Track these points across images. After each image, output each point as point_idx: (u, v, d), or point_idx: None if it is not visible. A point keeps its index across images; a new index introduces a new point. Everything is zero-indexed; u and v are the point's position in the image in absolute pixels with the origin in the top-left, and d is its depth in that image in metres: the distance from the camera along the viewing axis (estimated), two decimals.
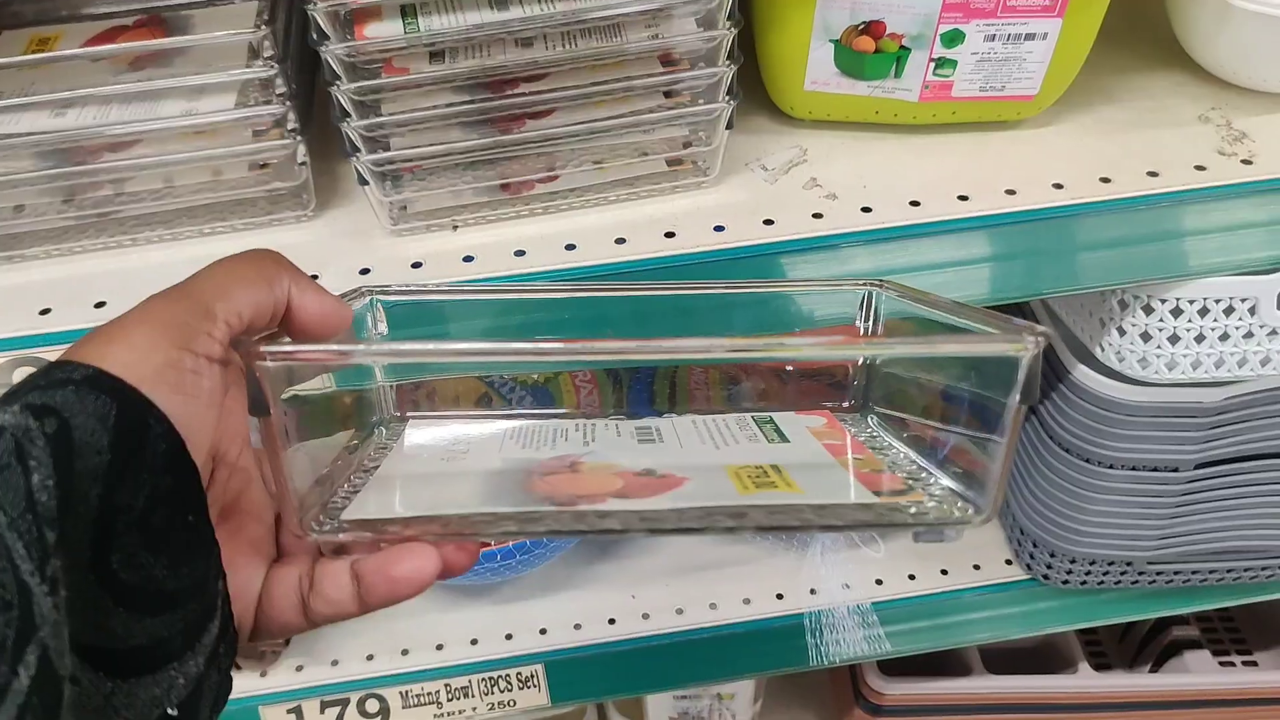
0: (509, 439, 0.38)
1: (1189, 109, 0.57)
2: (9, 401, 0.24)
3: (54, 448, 0.23)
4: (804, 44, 0.52)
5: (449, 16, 0.47)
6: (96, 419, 0.24)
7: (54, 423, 0.23)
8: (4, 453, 0.22)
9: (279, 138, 0.50)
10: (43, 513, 0.22)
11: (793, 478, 0.33)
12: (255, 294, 0.28)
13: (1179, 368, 0.57)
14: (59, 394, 0.24)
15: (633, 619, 0.74)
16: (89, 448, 0.24)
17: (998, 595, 0.74)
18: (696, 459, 0.36)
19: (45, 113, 0.48)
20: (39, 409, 0.23)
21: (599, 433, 0.39)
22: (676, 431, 0.39)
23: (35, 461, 0.23)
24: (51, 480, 0.23)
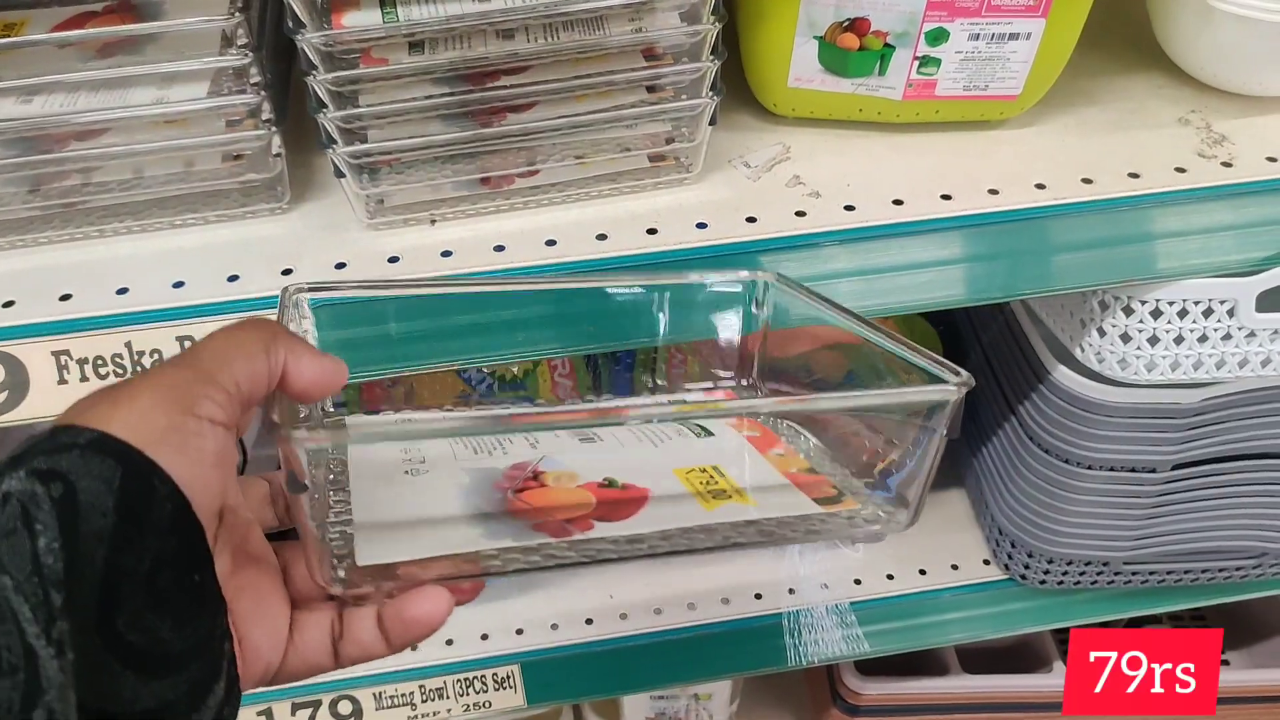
0: (457, 443, 0.39)
1: (1169, 111, 0.58)
2: (16, 466, 0.24)
3: (59, 511, 0.24)
4: (788, 40, 0.52)
5: (429, 6, 0.46)
6: (101, 482, 0.24)
7: (60, 487, 0.24)
8: (11, 518, 0.23)
9: (253, 128, 0.49)
10: (49, 575, 0.23)
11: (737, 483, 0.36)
12: (253, 363, 0.30)
13: (1158, 369, 0.57)
14: (64, 458, 0.24)
15: (610, 619, 0.74)
16: (94, 510, 0.24)
17: (975, 595, 0.74)
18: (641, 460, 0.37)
19: (10, 100, 0.47)
20: (45, 474, 0.24)
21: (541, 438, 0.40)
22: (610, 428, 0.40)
23: (41, 525, 0.23)
24: (57, 543, 0.23)
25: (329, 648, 0.33)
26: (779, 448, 0.40)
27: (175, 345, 0.47)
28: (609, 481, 0.36)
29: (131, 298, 0.48)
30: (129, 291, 0.48)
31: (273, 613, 0.32)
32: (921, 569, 0.75)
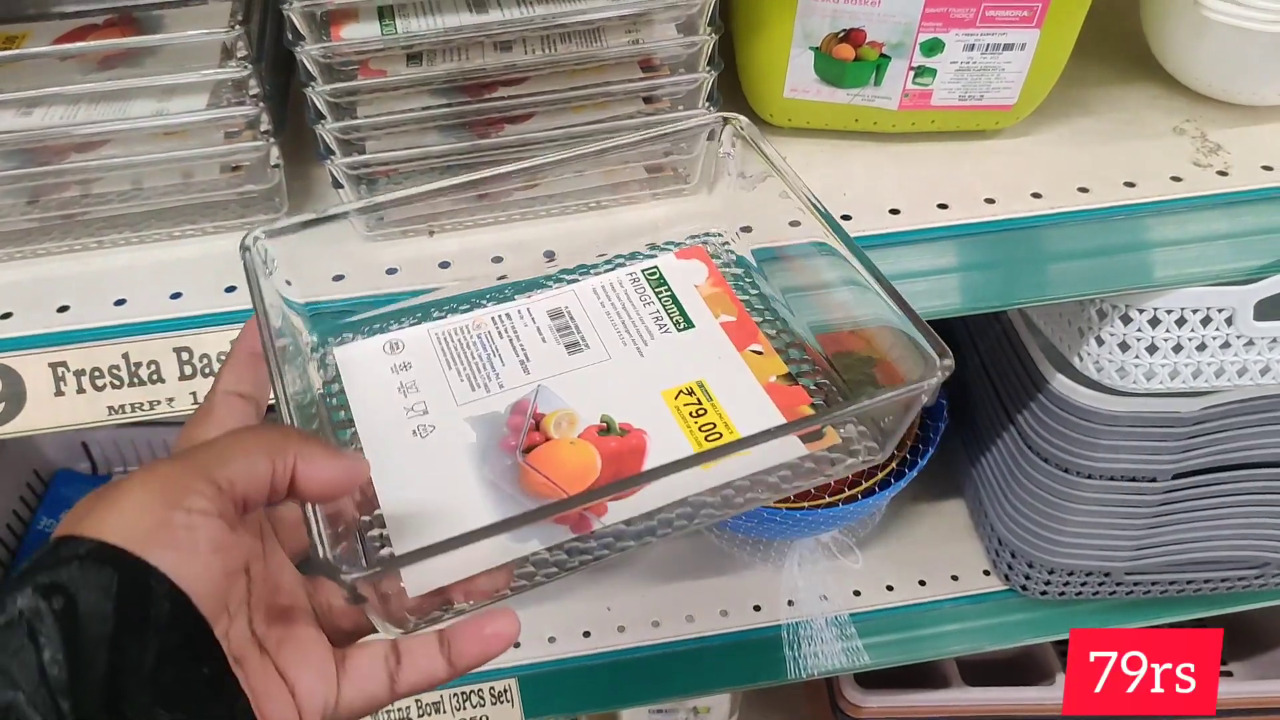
0: (449, 370, 0.41)
1: (1164, 121, 0.58)
2: (23, 583, 0.26)
3: (61, 623, 0.26)
4: (784, 51, 0.52)
5: (427, 19, 0.46)
6: (99, 590, 0.26)
7: (61, 600, 0.26)
8: (20, 637, 0.25)
9: (252, 139, 0.49)
10: (55, 685, 0.25)
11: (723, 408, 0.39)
12: (253, 464, 0.30)
13: (1157, 378, 0.57)
14: (65, 571, 0.26)
15: (608, 631, 0.73)
16: (94, 618, 0.26)
17: (976, 606, 0.74)
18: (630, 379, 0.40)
19: (11, 112, 0.47)
20: (48, 588, 0.26)
21: (525, 337, 0.42)
22: (591, 320, 0.43)
23: (45, 639, 0.25)
24: (61, 654, 0.25)
25: (385, 678, 0.34)
26: (757, 343, 0.41)
27: (173, 356, 0.47)
28: (607, 423, 0.38)
29: (129, 309, 0.48)
30: (127, 303, 0.48)
31: (317, 653, 0.33)
32: (921, 580, 0.75)
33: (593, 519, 0.35)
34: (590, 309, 0.43)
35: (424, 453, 0.38)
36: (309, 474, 0.31)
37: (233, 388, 0.35)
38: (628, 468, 0.37)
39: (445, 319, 0.44)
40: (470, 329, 0.43)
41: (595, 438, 0.38)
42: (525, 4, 0.47)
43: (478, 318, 0.43)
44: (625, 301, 0.44)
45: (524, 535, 0.35)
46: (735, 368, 0.41)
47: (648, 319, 0.43)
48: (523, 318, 0.43)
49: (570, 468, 0.37)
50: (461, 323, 0.43)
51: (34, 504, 0.78)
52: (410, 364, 0.42)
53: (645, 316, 0.43)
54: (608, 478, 0.37)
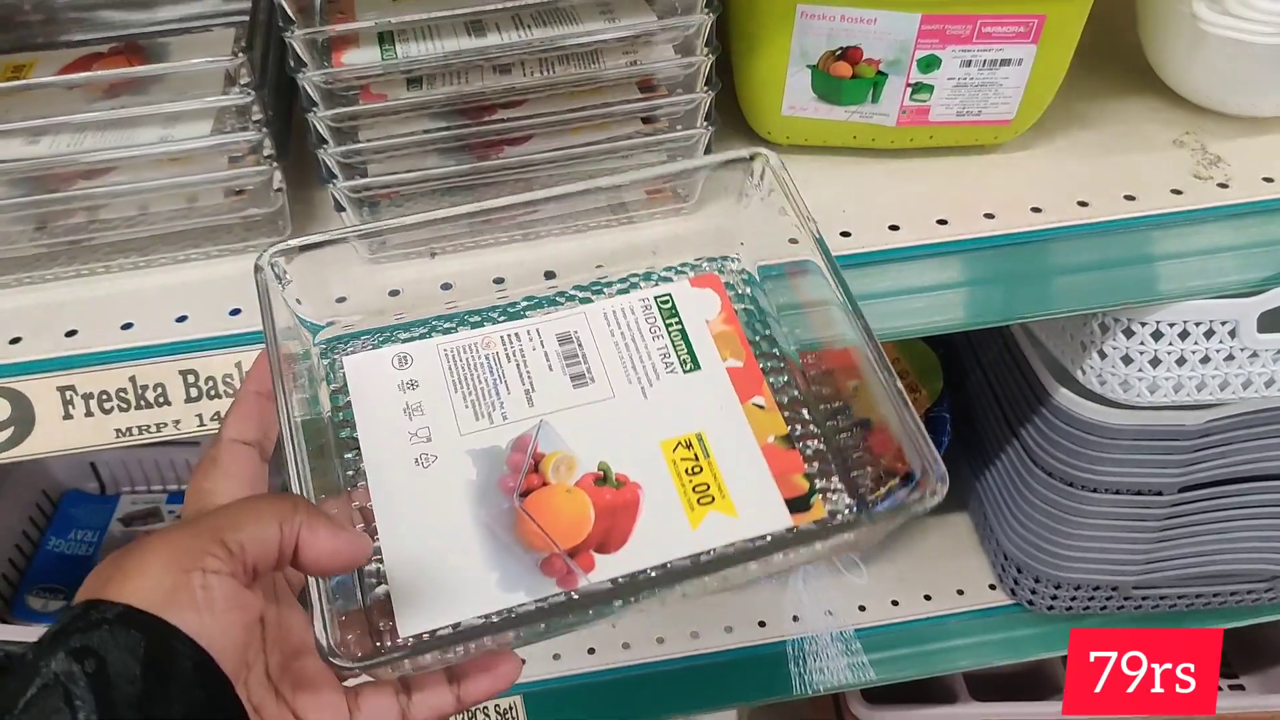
0: (455, 394, 0.41)
1: (1164, 134, 0.58)
2: (56, 646, 0.28)
3: (94, 685, 0.27)
4: (781, 69, 0.53)
5: (427, 43, 0.47)
6: (128, 653, 0.28)
7: (93, 663, 0.28)
8: (55, 699, 0.27)
9: (255, 164, 0.50)
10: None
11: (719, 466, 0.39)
12: (263, 529, 0.32)
13: (1161, 390, 0.57)
14: (95, 635, 0.28)
15: (612, 648, 0.73)
16: (123, 679, 0.28)
17: (982, 621, 0.73)
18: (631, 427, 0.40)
19: (18, 140, 0.48)
20: (80, 652, 0.28)
21: (533, 364, 0.42)
22: (600, 352, 0.43)
23: (80, 701, 0.27)
24: (95, 715, 0.27)
25: (397, 713, 0.35)
26: (760, 395, 0.42)
27: (178, 379, 0.48)
28: (604, 472, 0.39)
29: (136, 333, 0.48)
30: (133, 326, 0.49)
31: (330, 694, 0.35)
32: (927, 594, 0.75)
33: (579, 575, 0.36)
34: (599, 336, 0.43)
35: (424, 485, 0.39)
36: (312, 543, 0.32)
37: (237, 435, 0.37)
38: (619, 524, 0.38)
39: (455, 333, 0.44)
40: (479, 348, 0.43)
41: (591, 487, 0.39)
42: (523, 27, 0.47)
43: (487, 336, 0.44)
44: (635, 332, 0.44)
45: (512, 585, 0.36)
46: (736, 423, 0.41)
47: (655, 355, 0.43)
48: (531, 340, 0.43)
49: (564, 519, 0.38)
50: (471, 340, 0.44)
51: (43, 524, 0.79)
52: (417, 382, 0.42)
53: (653, 352, 0.43)
54: (599, 533, 0.37)
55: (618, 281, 0.46)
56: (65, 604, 0.72)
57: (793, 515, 0.38)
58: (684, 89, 0.50)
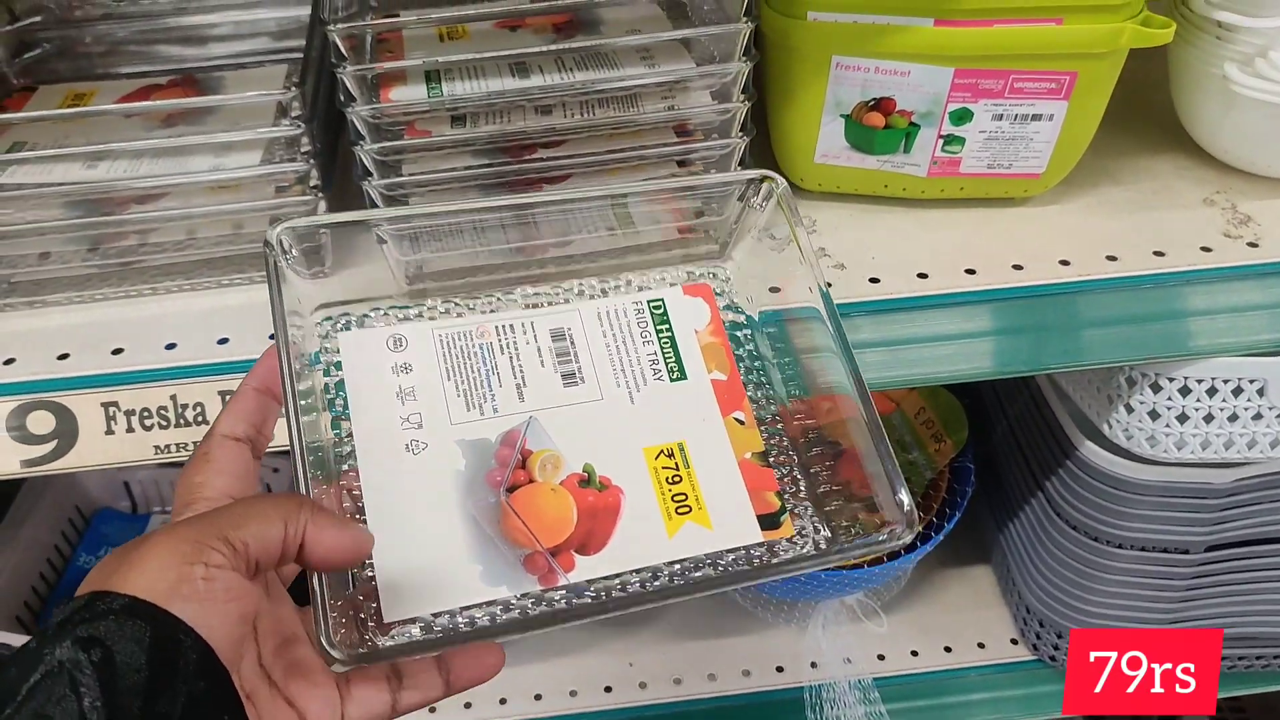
0: (448, 381, 0.42)
1: (1194, 192, 0.58)
2: (62, 635, 0.28)
3: (100, 673, 0.28)
4: (815, 118, 0.54)
5: (472, 83, 0.49)
6: (134, 642, 0.29)
7: (99, 652, 0.28)
8: (61, 685, 0.27)
9: (301, 194, 0.51)
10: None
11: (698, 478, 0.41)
12: (266, 527, 0.32)
13: (1188, 447, 0.57)
14: (102, 624, 0.29)
15: (629, 687, 0.73)
16: (129, 668, 0.28)
17: (1003, 676, 0.72)
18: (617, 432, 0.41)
19: (78, 164, 0.49)
20: (86, 641, 0.28)
21: (526, 360, 0.43)
22: (591, 354, 0.44)
23: (85, 688, 0.27)
24: (99, 702, 0.27)
25: (388, 699, 0.36)
26: (740, 410, 0.43)
27: (217, 399, 0.49)
28: (588, 474, 0.40)
29: (179, 353, 0.50)
30: (177, 347, 0.50)
31: (321, 680, 0.35)
32: (947, 646, 0.74)
33: (560, 573, 0.37)
34: (592, 336, 0.44)
35: (414, 472, 0.39)
36: (317, 539, 0.33)
37: (229, 431, 0.37)
38: (600, 527, 0.39)
39: (451, 319, 0.44)
40: (474, 336, 0.44)
41: (575, 488, 0.40)
42: (565, 70, 0.49)
43: (482, 325, 0.44)
44: (626, 335, 0.45)
45: (495, 579, 0.37)
46: (716, 436, 0.42)
47: (644, 361, 0.44)
48: (526, 333, 0.44)
49: (548, 517, 0.39)
50: (466, 327, 0.44)
51: (75, 540, 0.80)
52: (411, 366, 0.42)
53: (643, 357, 0.44)
54: (580, 534, 0.39)
55: (612, 280, 0.48)
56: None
57: (763, 531, 0.40)
58: (719, 134, 0.51)
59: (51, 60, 0.59)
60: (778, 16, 0.51)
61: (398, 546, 0.37)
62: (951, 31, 0.50)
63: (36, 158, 0.49)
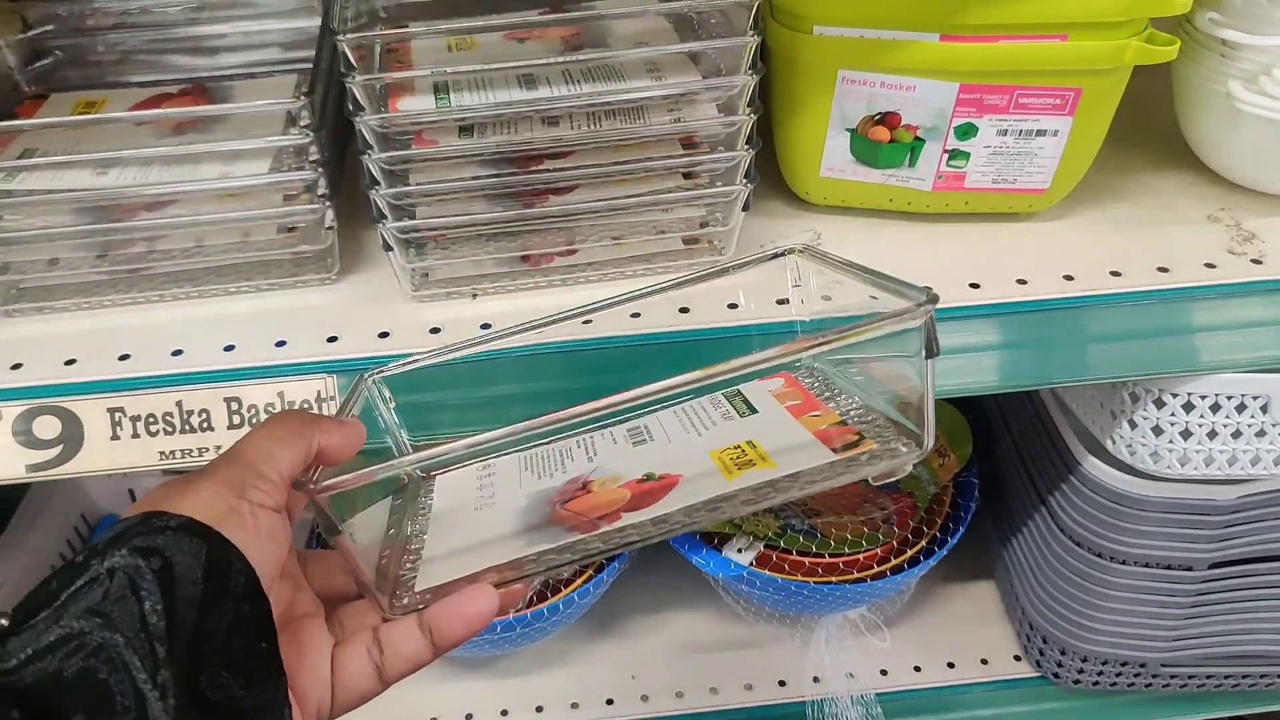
0: (525, 471, 0.43)
1: (1198, 209, 0.58)
2: (117, 545, 0.29)
3: (160, 580, 0.29)
4: (821, 132, 0.54)
5: (480, 94, 0.49)
6: (191, 556, 0.30)
7: (158, 561, 0.29)
8: (120, 587, 0.28)
9: (308, 202, 0.52)
10: (154, 632, 0.28)
11: (766, 450, 0.39)
12: (292, 452, 0.35)
13: (1192, 463, 0.57)
14: (159, 538, 0.30)
15: (631, 700, 0.73)
16: (187, 580, 0.29)
17: (1005, 692, 0.72)
18: (684, 450, 0.41)
19: (88, 171, 0.50)
20: (145, 550, 0.29)
21: (599, 444, 0.44)
22: (663, 426, 0.44)
23: (145, 592, 0.28)
24: (160, 606, 0.28)
25: (373, 673, 0.36)
26: (818, 409, 0.43)
27: (223, 406, 0.49)
28: (648, 476, 0.40)
29: (185, 359, 0.50)
30: (183, 353, 0.50)
31: (314, 659, 0.35)
32: (950, 662, 0.74)
33: (601, 524, 0.37)
34: (666, 421, 0.45)
35: (478, 516, 0.41)
36: (329, 443, 0.36)
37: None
38: (653, 497, 0.39)
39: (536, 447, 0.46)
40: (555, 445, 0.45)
41: (632, 484, 0.40)
42: (573, 82, 0.49)
43: (566, 444, 0.46)
44: (699, 411, 0.45)
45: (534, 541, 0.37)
46: (789, 426, 0.42)
47: (716, 417, 0.44)
48: (604, 436, 0.45)
49: (600, 503, 0.39)
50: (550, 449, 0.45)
51: (80, 547, 0.80)
52: (493, 471, 0.45)
53: (715, 416, 0.44)
54: (631, 505, 0.38)
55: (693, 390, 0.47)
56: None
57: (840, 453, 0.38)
58: (725, 147, 0.51)
59: (63, 69, 0.60)
60: (784, 30, 0.51)
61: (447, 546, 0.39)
62: (957, 47, 0.50)
63: (47, 164, 0.50)
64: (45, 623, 0.27)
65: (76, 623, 0.27)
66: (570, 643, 0.77)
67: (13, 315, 0.53)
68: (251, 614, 0.31)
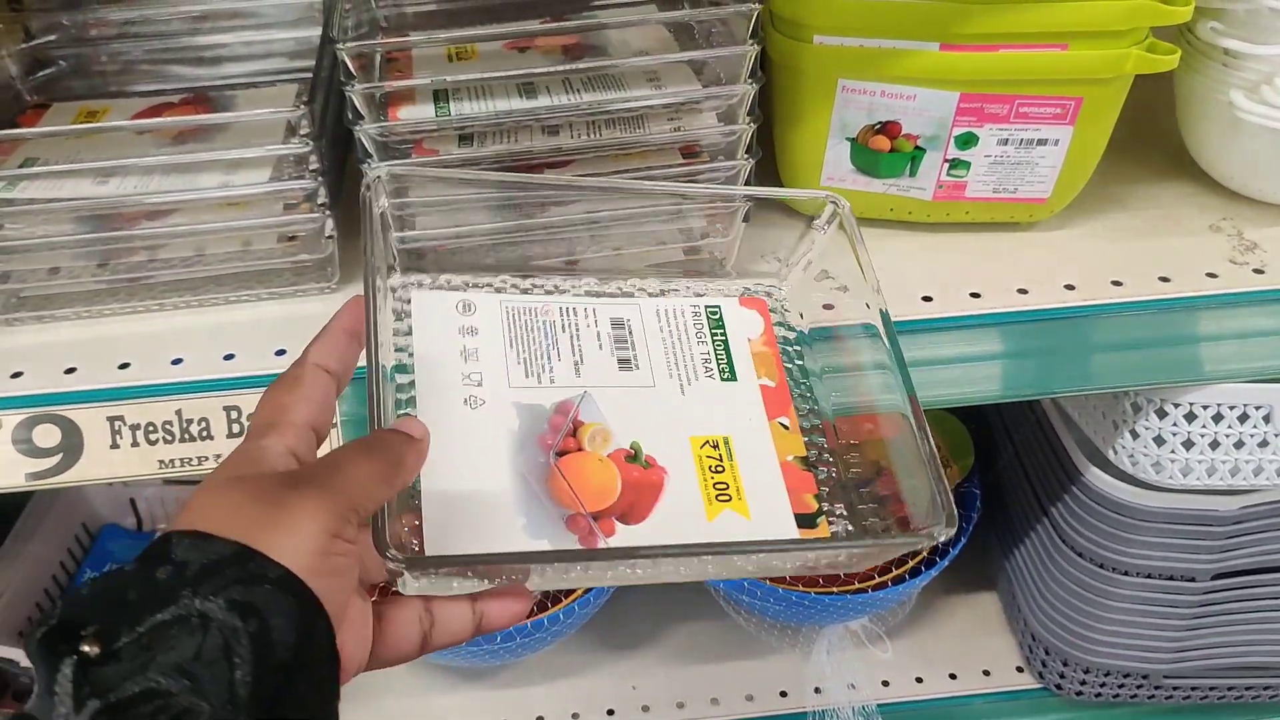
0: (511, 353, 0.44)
1: (1199, 218, 0.58)
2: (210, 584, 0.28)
3: (255, 646, 0.28)
4: (821, 141, 0.54)
5: (480, 102, 0.49)
6: (287, 619, 0.29)
7: (255, 623, 0.28)
8: (214, 649, 0.27)
9: (308, 211, 0.52)
10: (239, 702, 0.27)
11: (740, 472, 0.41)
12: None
13: (1194, 474, 0.57)
14: (258, 592, 0.29)
15: (632, 711, 0.72)
16: (280, 645, 0.28)
17: (1008, 704, 0.72)
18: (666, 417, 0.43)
19: (88, 180, 0.50)
20: (244, 608, 0.28)
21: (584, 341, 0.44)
22: (645, 334, 0.45)
23: (239, 659, 0.27)
24: (250, 675, 0.27)
25: (418, 640, 0.36)
26: (786, 416, 0.44)
27: (222, 414, 0.49)
28: (635, 450, 0.41)
29: (185, 368, 0.50)
30: (183, 362, 0.50)
31: (358, 618, 0.35)
32: (952, 673, 0.73)
33: (600, 537, 0.38)
34: (649, 329, 0.46)
35: (469, 425, 0.40)
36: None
37: (321, 362, 0.36)
38: (643, 500, 0.40)
39: (517, 294, 0.46)
40: (538, 313, 0.45)
41: (621, 462, 0.41)
42: (573, 91, 0.49)
43: (547, 305, 0.46)
44: (681, 333, 0.46)
45: (537, 533, 0.38)
46: (760, 436, 0.43)
47: (697, 358, 0.45)
48: (587, 318, 0.46)
49: (593, 483, 0.40)
50: (532, 304, 0.46)
51: (80, 557, 0.80)
52: (476, 330, 0.44)
53: (696, 355, 0.45)
54: (623, 504, 0.39)
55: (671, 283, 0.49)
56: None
57: (799, 529, 0.40)
58: (725, 156, 0.51)
59: (66, 78, 0.60)
60: (784, 40, 0.51)
61: (447, 493, 0.38)
62: (957, 56, 0.50)
63: (48, 173, 0.50)
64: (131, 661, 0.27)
65: (164, 679, 0.27)
66: (571, 653, 0.77)
67: (13, 324, 0.53)
68: (328, 675, 0.30)
